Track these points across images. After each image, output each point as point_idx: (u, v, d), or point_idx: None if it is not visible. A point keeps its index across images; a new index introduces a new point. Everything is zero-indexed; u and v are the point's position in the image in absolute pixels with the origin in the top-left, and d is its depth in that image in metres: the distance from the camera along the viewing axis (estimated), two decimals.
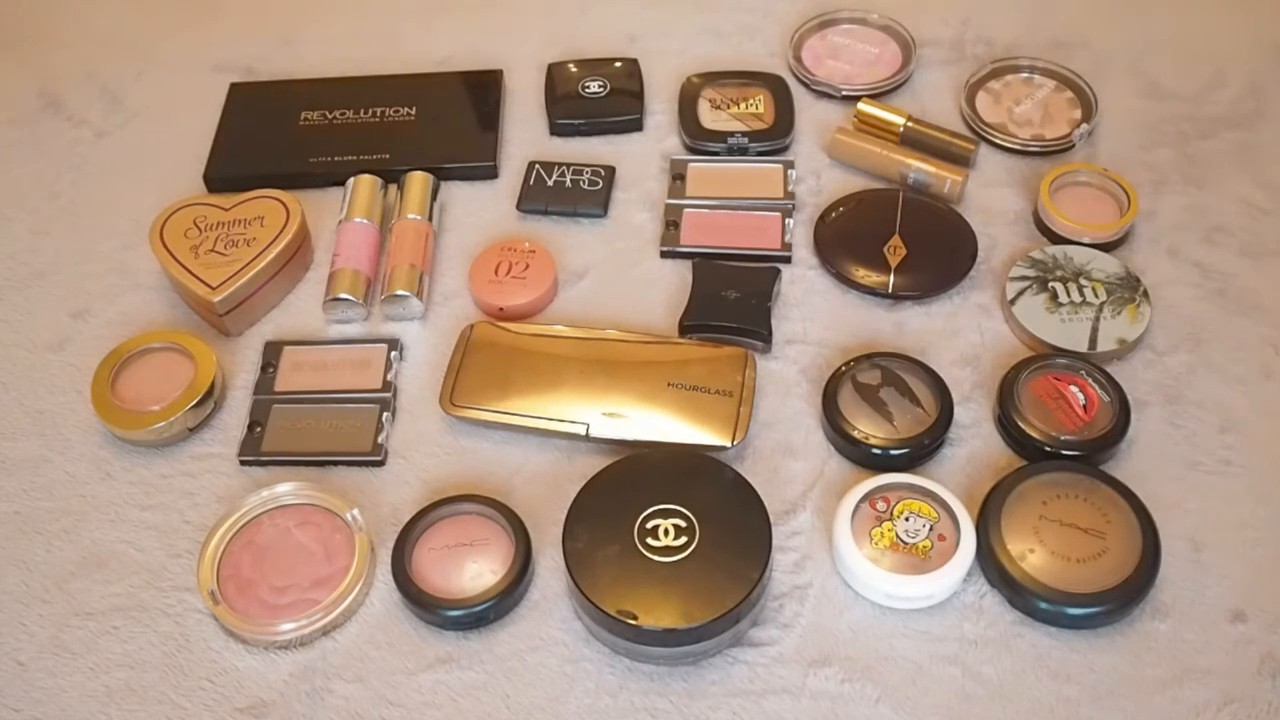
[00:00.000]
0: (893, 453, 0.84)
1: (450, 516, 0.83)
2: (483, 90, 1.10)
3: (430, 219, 0.99)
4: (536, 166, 1.04)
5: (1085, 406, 0.85)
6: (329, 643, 0.79)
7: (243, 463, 0.87)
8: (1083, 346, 0.89)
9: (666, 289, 0.96)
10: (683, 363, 0.88)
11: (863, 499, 0.81)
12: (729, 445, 0.84)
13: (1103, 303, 0.91)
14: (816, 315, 0.94)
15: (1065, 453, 0.83)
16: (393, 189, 1.02)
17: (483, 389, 0.88)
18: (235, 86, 1.11)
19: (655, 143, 1.07)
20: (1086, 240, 0.96)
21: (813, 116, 1.08)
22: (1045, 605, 0.77)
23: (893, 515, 0.80)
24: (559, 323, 0.93)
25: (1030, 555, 0.78)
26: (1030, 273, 0.93)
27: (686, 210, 1.00)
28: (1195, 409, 0.88)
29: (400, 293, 0.93)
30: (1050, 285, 0.92)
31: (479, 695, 0.77)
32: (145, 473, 0.87)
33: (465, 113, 1.08)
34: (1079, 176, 1.00)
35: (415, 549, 0.81)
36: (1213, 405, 0.88)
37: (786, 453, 0.87)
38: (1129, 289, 0.92)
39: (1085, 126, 1.04)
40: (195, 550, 0.83)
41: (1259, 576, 0.80)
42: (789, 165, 1.02)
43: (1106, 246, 0.95)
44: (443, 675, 0.77)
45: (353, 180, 1.01)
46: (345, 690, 0.77)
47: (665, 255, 0.98)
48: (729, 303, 0.92)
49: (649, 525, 0.76)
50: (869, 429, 0.85)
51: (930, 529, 0.79)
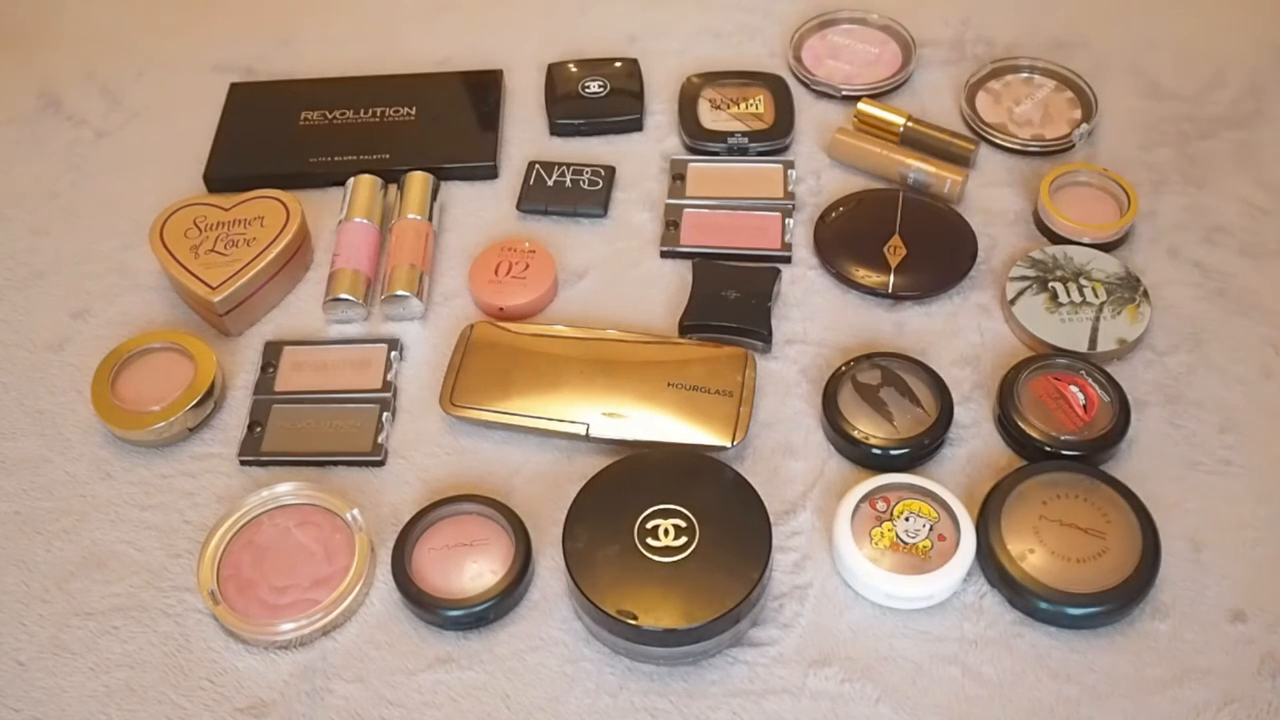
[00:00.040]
0: (893, 453, 0.84)
1: (450, 516, 0.83)
2: (483, 90, 1.10)
3: (430, 219, 0.99)
4: (536, 166, 1.03)
5: (1085, 406, 0.85)
6: (329, 643, 0.79)
7: (243, 463, 0.87)
8: (1083, 346, 0.89)
9: (666, 289, 0.96)
10: (683, 363, 0.88)
11: (863, 499, 0.80)
12: (729, 445, 0.84)
13: (1103, 303, 0.91)
14: (816, 315, 0.94)
15: (1065, 453, 0.83)
16: (393, 189, 1.02)
17: (483, 389, 0.88)
18: (235, 86, 1.11)
19: (655, 143, 1.07)
20: (1086, 240, 0.95)
21: (813, 116, 1.08)
22: (1045, 605, 0.77)
23: (893, 515, 0.80)
24: (559, 323, 0.93)
25: (1030, 555, 0.78)
26: (1030, 273, 0.93)
27: (686, 210, 1.00)
28: (1195, 409, 0.88)
29: (400, 293, 0.93)
30: (1050, 285, 0.92)
31: (479, 695, 0.77)
32: (145, 473, 0.87)
33: (465, 113, 1.08)
34: (1079, 176, 1.00)
35: (415, 549, 0.81)
36: (1213, 405, 0.88)
37: (786, 453, 0.87)
38: (1129, 289, 0.92)
39: (1085, 126, 1.04)
40: (195, 550, 0.83)
41: (1259, 576, 0.80)
42: (789, 165, 1.02)
43: (1106, 246, 0.95)
44: (443, 675, 0.77)
45: (353, 180, 1.01)
46: (345, 690, 0.77)
47: (665, 255, 0.98)
48: (729, 303, 0.92)
49: (649, 525, 0.76)
50: (869, 429, 0.85)
51: (930, 529, 0.79)
